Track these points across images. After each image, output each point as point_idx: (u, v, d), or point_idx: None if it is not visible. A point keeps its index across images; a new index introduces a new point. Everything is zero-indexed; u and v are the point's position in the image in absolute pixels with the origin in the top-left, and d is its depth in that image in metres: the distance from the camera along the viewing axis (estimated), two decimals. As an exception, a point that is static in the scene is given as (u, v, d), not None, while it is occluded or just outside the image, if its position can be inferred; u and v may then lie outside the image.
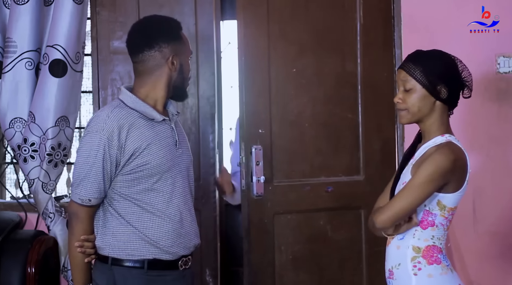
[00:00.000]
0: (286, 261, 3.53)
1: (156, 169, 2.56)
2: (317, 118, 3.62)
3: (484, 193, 3.51)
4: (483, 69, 3.51)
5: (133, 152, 2.53)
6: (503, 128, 3.53)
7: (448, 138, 2.55)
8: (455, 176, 2.50)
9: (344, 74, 3.63)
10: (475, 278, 3.55)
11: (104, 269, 2.58)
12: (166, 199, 2.59)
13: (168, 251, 2.59)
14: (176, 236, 2.60)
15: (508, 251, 3.54)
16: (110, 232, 2.57)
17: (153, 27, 2.63)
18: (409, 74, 2.54)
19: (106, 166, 2.52)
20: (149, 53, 2.59)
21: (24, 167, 3.51)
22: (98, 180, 2.54)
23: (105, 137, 2.51)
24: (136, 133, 2.54)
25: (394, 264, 2.56)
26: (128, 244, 2.56)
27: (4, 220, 3.63)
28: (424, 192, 2.47)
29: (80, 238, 2.58)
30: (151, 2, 3.76)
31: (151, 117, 2.59)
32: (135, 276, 2.56)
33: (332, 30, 3.61)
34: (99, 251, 2.60)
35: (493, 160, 3.52)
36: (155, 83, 2.61)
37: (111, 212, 2.58)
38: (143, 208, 2.56)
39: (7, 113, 3.51)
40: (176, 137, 2.65)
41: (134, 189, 2.56)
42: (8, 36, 3.47)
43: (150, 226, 2.57)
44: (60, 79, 3.42)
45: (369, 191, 3.54)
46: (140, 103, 2.58)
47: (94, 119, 2.58)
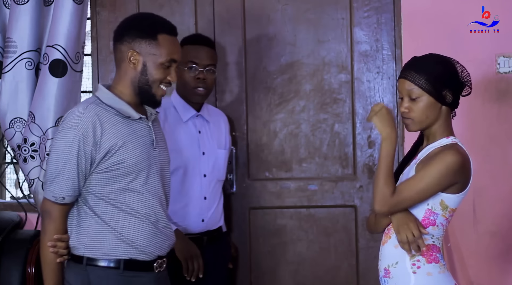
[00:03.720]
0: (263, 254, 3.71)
1: (131, 168, 2.52)
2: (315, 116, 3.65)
3: (484, 193, 3.51)
4: (483, 69, 3.51)
5: (108, 150, 2.49)
6: (503, 128, 3.53)
7: (454, 140, 2.57)
8: (461, 177, 2.51)
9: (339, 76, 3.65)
10: (475, 278, 3.55)
11: (78, 269, 2.54)
12: (141, 198, 2.55)
13: (144, 251, 2.55)
14: (152, 235, 2.57)
15: (508, 251, 3.54)
16: (85, 231, 2.53)
17: (130, 20, 2.62)
18: (414, 83, 2.53)
19: (80, 163, 2.48)
20: (117, 44, 2.58)
21: (24, 167, 3.51)
22: (72, 178, 2.49)
23: (80, 133, 2.47)
24: (112, 130, 2.50)
25: (391, 262, 2.56)
26: (104, 243, 2.52)
27: (4, 220, 3.63)
28: (429, 187, 2.48)
29: (53, 238, 2.53)
30: (151, 2, 3.76)
31: (127, 115, 2.54)
32: (110, 276, 2.52)
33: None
34: (73, 251, 2.55)
35: (493, 160, 3.52)
36: (124, 79, 2.57)
37: (86, 211, 2.53)
38: (118, 207, 2.53)
39: (7, 113, 3.51)
40: (153, 136, 2.61)
41: (109, 188, 2.52)
42: (8, 36, 3.47)
43: (126, 225, 2.53)
44: (60, 79, 3.41)
45: (362, 190, 3.64)
46: (116, 100, 2.55)
47: (69, 115, 2.53)
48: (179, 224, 3.20)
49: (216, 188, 3.33)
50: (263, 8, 3.72)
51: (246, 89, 3.74)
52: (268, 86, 3.71)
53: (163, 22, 2.61)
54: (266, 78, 3.72)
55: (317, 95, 3.70)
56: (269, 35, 3.69)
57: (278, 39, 3.72)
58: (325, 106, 3.71)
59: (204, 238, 3.26)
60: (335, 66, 3.70)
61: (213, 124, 3.37)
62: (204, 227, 3.27)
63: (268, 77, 3.69)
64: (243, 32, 3.74)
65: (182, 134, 3.27)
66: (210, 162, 3.30)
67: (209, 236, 3.29)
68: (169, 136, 3.11)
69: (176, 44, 2.61)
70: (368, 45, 3.67)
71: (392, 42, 3.65)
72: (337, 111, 3.70)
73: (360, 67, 3.68)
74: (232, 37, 3.74)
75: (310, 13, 3.69)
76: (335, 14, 3.69)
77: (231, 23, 3.72)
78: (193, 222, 3.25)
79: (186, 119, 3.29)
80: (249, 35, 3.74)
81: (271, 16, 3.72)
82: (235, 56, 3.74)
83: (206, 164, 3.29)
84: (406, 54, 3.57)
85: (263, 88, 3.73)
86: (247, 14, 3.73)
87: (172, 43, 2.59)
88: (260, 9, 3.72)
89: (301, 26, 3.70)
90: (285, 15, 3.71)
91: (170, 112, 3.28)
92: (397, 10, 3.62)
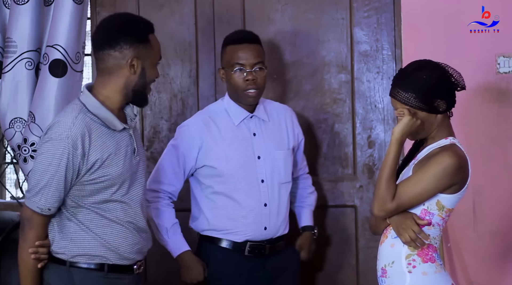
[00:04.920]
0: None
1: (115, 180, 2.51)
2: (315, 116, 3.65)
3: (484, 193, 3.51)
4: (483, 69, 3.51)
5: (94, 163, 2.47)
6: (503, 128, 3.53)
7: (452, 141, 2.57)
8: (458, 179, 2.51)
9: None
10: (475, 278, 3.55)
11: (61, 271, 2.53)
12: (124, 207, 2.55)
13: (127, 257, 2.57)
14: (134, 242, 2.58)
15: (508, 251, 3.54)
16: (68, 238, 2.52)
17: (118, 25, 2.55)
18: (403, 102, 2.52)
19: (68, 175, 2.45)
20: (109, 51, 2.51)
21: (24, 167, 3.51)
22: (59, 190, 2.46)
23: (70, 145, 2.43)
24: (98, 142, 2.48)
25: (388, 262, 2.57)
26: (88, 250, 2.52)
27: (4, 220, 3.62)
28: (427, 191, 2.48)
29: (34, 245, 2.51)
30: (151, 2, 3.76)
31: (113, 127, 2.52)
32: (94, 278, 2.52)
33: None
34: (56, 255, 2.53)
35: (493, 160, 3.52)
36: (114, 85, 2.53)
37: (69, 218, 2.52)
38: (102, 215, 2.52)
39: (7, 113, 3.50)
40: (134, 145, 2.59)
41: (92, 199, 2.51)
42: (8, 36, 3.46)
43: (110, 232, 2.53)
44: (60, 79, 3.41)
45: (362, 190, 3.64)
46: (102, 109, 2.51)
47: (57, 125, 2.48)
48: (239, 233, 3.11)
49: (279, 193, 3.16)
50: (263, 8, 3.72)
51: (246, 89, 3.73)
52: (268, 86, 3.69)
53: (147, 21, 2.60)
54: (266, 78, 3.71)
55: (317, 95, 3.70)
56: (269, 35, 3.68)
57: (278, 39, 3.72)
58: (325, 106, 3.71)
59: (266, 247, 3.15)
60: (335, 66, 3.70)
61: (272, 123, 3.22)
62: (267, 235, 3.14)
63: (268, 77, 3.68)
64: (243, 32, 3.74)
65: (234, 139, 3.14)
66: (267, 166, 3.15)
67: (272, 244, 3.16)
68: (217, 142, 3.09)
69: (158, 41, 2.61)
70: (368, 45, 3.67)
71: (392, 42, 3.65)
72: (337, 111, 3.70)
73: (360, 67, 3.68)
74: (232, 37, 3.74)
75: (310, 13, 3.69)
76: (335, 14, 3.68)
77: (231, 23, 3.72)
78: (254, 231, 3.12)
79: (238, 122, 3.15)
80: (249, 35, 3.74)
81: (271, 16, 3.72)
82: (235, 56, 3.74)
83: (262, 168, 3.14)
84: (406, 54, 3.57)
85: (263, 88, 3.73)
86: (247, 14, 3.73)
87: (157, 41, 2.60)
88: (260, 9, 3.72)
89: (301, 26, 3.70)
90: (285, 15, 3.71)
91: (220, 116, 3.17)
92: (397, 10, 3.62)
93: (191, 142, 3.14)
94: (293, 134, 3.27)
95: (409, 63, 2.61)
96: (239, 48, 3.11)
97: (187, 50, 3.75)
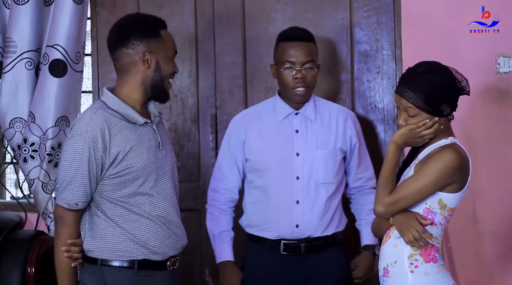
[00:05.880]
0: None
1: (140, 172, 2.56)
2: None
3: (484, 193, 3.51)
4: (483, 69, 3.51)
5: (117, 155, 2.53)
6: (503, 129, 3.53)
7: (453, 140, 2.58)
8: (459, 176, 2.52)
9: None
10: (475, 278, 3.55)
11: (93, 270, 2.58)
12: (152, 201, 2.59)
13: (157, 252, 2.59)
14: (164, 237, 2.61)
15: (508, 251, 3.54)
16: (98, 234, 2.57)
17: (128, 24, 2.63)
18: (411, 102, 2.53)
19: (92, 169, 2.52)
20: (122, 50, 2.59)
21: (24, 167, 3.51)
22: (85, 184, 2.53)
23: (90, 139, 2.50)
24: (119, 136, 2.54)
25: (390, 262, 2.57)
26: (118, 246, 2.56)
27: (4, 220, 3.63)
28: (427, 186, 2.49)
29: (67, 243, 2.56)
30: (151, 2, 3.77)
31: (133, 121, 2.58)
32: (125, 276, 2.57)
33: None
34: (87, 253, 2.59)
35: (493, 160, 3.52)
36: (132, 82, 2.61)
37: (99, 215, 2.57)
38: (130, 210, 2.57)
39: (7, 113, 3.51)
40: (158, 139, 2.65)
41: (120, 193, 2.56)
42: (8, 36, 3.47)
43: (139, 227, 2.57)
44: (60, 79, 3.42)
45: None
46: (123, 105, 2.58)
47: (77, 122, 2.57)
48: (271, 229, 3.11)
49: (316, 192, 3.10)
50: (263, 8, 3.72)
51: (246, 89, 3.74)
52: (268, 86, 3.71)
53: (158, 18, 2.67)
54: (266, 78, 3.71)
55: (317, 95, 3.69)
56: (269, 35, 3.68)
57: (278, 39, 3.71)
58: (325, 106, 3.70)
59: (301, 246, 3.10)
60: (335, 66, 3.69)
61: (320, 123, 3.17)
62: (301, 234, 3.09)
63: (268, 77, 3.68)
64: (243, 32, 3.74)
65: (274, 134, 3.14)
66: (305, 164, 3.10)
67: (308, 244, 3.11)
68: (259, 137, 3.12)
69: (171, 36, 2.68)
70: (368, 45, 3.67)
71: (392, 42, 3.65)
72: (337, 111, 3.69)
73: (360, 67, 3.68)
74: (232, 37, 3.74)
75: (310, 13, 3.69)
76: (335, 14, 3.68)
77: (231, 23, 3.72)
78: (286, 228, 3.09)
79: (281, 118, 3.15)
80: (249, 35, 3.74)
81: (271, 16, 3.72)
82: (235, 56, 3.74)
83: (300, 165, 3.10)
84: (406, 54, 3.57)
85: (263, 88, 3.73)
86: (247, 14, 3.73)
87: (170, 36, 2.68)
88: (260, 9, 3.72)
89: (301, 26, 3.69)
90: (285, 15, 3.71)
91: (266, 112, 3.19)
92: (397, 10, 3.62)
93: (236, 135, 3.20)
94: (343, 136, 3.19)
95: (418, 63, 2.61)
96: (290, 45, 3.10)
97: (187, 50, 3.75)
